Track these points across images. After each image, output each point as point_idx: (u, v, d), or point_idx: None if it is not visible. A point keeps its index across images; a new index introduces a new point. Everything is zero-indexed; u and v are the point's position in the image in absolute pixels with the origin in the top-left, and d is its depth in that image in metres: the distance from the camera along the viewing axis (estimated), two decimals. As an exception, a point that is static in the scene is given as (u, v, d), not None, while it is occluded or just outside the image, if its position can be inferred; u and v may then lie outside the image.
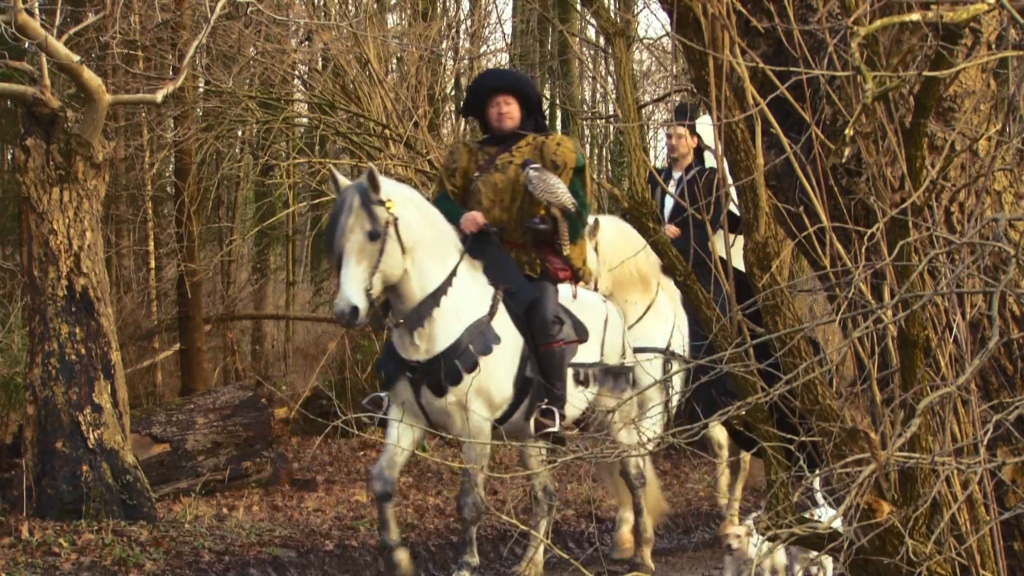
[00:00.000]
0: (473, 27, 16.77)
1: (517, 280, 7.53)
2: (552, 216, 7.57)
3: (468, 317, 7.23)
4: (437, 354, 7.15)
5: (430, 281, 7.18)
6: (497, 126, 7.81)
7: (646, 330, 8.74)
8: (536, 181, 7.44)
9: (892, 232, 3.92)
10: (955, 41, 3.88)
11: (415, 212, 7.15)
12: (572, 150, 7.73)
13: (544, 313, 7.45)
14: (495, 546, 8.81)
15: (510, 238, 7.70)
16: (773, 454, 4.03)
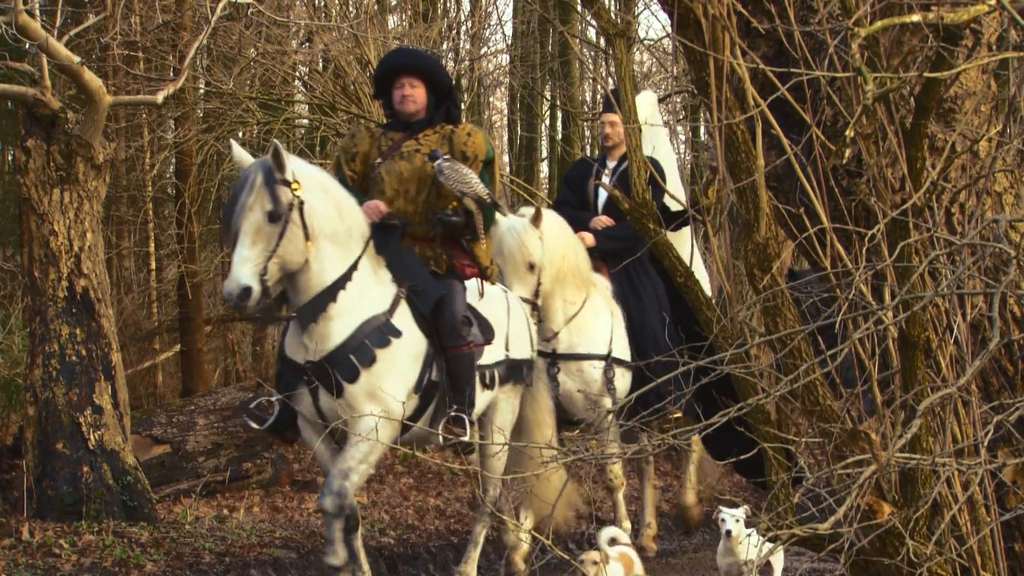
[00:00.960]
0: (473, 28, 16.78)
1: (423, 277, 7.00)
2: (465, 209, 7.10)
3: (365, 313, 6.69)
4: (330, 351, 6.60)
5: (330, 274, 6.62)
6: (400, 109, 7.28)
7: (586, 331, 8.38)
8: (448, 172, 6.97)
9: (893, 233, 3.92)
10: (956, 42, 3.88)
11: (324, 199, 6.60)
12: (483, 141, 7.26)
13: (452, 314, 6.96)
14: (496, 547, 8.80)
15: (415, 232, 7.17)
16: (774, 455, 4.03)
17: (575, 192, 9.04)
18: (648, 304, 8.51)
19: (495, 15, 24.24)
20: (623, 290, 8.59)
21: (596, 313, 8.39)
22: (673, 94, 14.99)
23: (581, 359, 8.29)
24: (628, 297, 8.55)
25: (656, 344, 8.24)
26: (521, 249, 8.04)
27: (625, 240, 8.51)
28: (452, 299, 6.99)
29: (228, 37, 12.75)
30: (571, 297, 8.28)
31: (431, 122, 7.27)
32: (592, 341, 8.34)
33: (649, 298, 8.53)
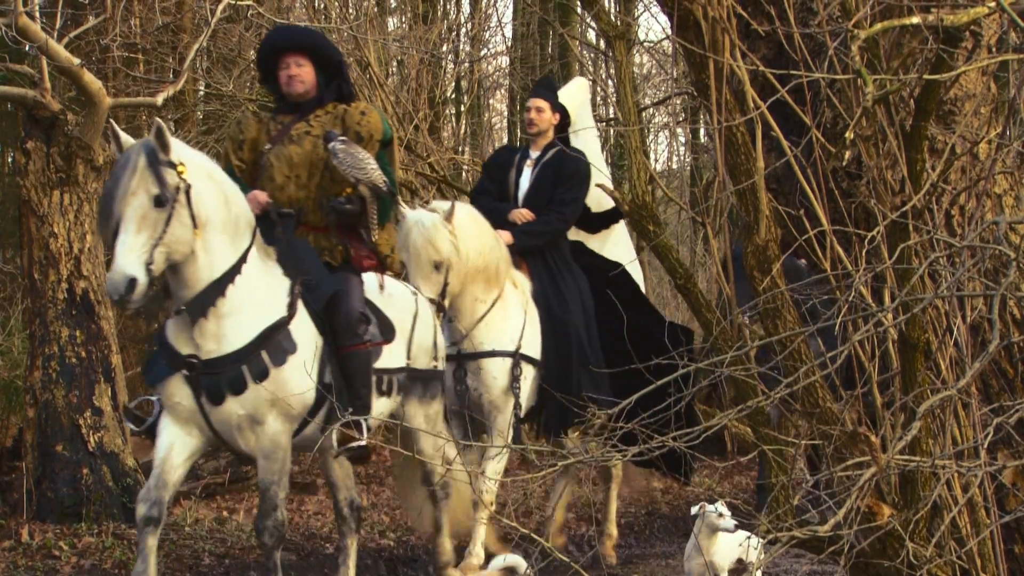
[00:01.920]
0: (473, 30, 16.78)
1: (316, 271, 6.53)
2: (360, 196, 6.63)
3: (264, 316, 6.22)
4: (223, 355, 6.13)
5: (218, 266, 6.12)
6: (287, 90, 6.78)
7: (493, 329, 7.87)
8: (342, 155, 6.50)
9: (893, 235, 3.92)
10: (955, 44, 3.88)
11: (211, 185, 6.10)
12: (379, 120, 6.76)
13: (348, 310, 6.48)
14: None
15: (308, 220, 6.70)
16: (773, 457, 4.03)
17: (495, 182, 8.52)
18: (571, 302, 8.11)
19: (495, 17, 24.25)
20: (544, 287, 8.16)
21: (507, 311, 7.93)
22: (673, 96, 14.99)
23: (484, 357, 7.83)
24: (549, 294, 8.11)
25: (579, 341, 7.96)
26: (427, 247, 7.50)
27: (545, 236, 8.22)
28: (347, 295, 6.53)
29: (228, 39, 12.76)
30: (482, 295, 7.82)
31: (321, 102, 6.80)
32: (498, 339, 7.87)
33: (572, 296, 8.14)
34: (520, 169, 8.41)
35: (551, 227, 8.18)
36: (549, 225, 8.17)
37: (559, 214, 8.19)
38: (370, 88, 12.33)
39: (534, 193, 8.27)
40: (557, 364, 7.93)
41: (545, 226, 8.18)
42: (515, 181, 8.40)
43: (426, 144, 12.49)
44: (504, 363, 7.82)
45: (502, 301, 7.89)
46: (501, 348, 7.83)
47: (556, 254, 8.25)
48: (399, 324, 6.94)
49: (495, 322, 7.86)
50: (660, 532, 10.04)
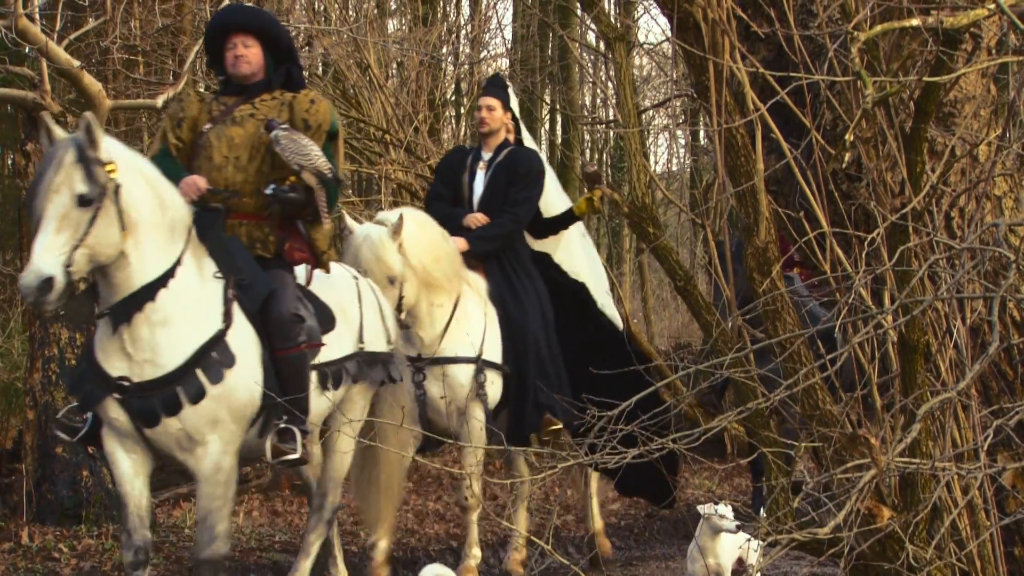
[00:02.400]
0: (473, 32, 16.77)
1: (249, 268, 6.19)
2: (305, 184, 6.32)
3: (199, 327, 5.88)
4: (155, 378, 5.76)
5: (150, 270, 5.78)
6: (233, 72, 6.46)
7: (454, 333, 7.60)
8: (284, 142, 6.23)
9: (892, 237, 3.92)
10: (955, 46, 3.88)
11: (144, 185, 5.78)
12: (328, 111, 6.49)
13: (280, 312, 6.17)
14: (495, 551, 8.80)
15: (243, 207, 6.35)
16: (773, 459, 4.03)
17: (448, 185, 8.21)
18: (528, 305, 7.83)
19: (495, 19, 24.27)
20: (500, 290, 7.87)
21: (467, 314, 7.67)
22: (673, 98, 14.99)
23: (447, 362, 7.56)
24: (506, 297, 7.84)
25: (536, 347, 7.70)
26: (378, 264, 7.31)
27: (500, 239, 7.96)
28: (281, 296, 6.22)
29: (228, 41, 12.74)
30: (439, 300, 7.59)
31: (269, 86, 6.51)
32: (460, 343, 7.62)
33: (529, 299, 7.86)
34: (473, 172, 8.15)
35: (505, 229, 7.94)
36: (503, 227, 7.93)
37: (512, 215, 7.95)
38: (370, 90, 12.34)
39: (488, 196, 8.03)
40: (514, 370, 7.69)
41: (499, 228, 7.94)
42: (468, 184, 8.14)
43: (426, 146, 12.48)
44: (468, 370, 7.60)
45: (461, 304, 7.67)
46: (464, 353, 7.61)
47: (512, 257, 8.01)
48: (342, 309, 6.66)
49: (456, 326, 7.63)
50: (660, 534, 10.04)
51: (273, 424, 6.13)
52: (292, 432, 6.09)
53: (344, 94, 12.62)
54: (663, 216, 17.50)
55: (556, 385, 7.56)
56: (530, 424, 7.56)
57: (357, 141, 12.68)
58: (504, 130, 8.14)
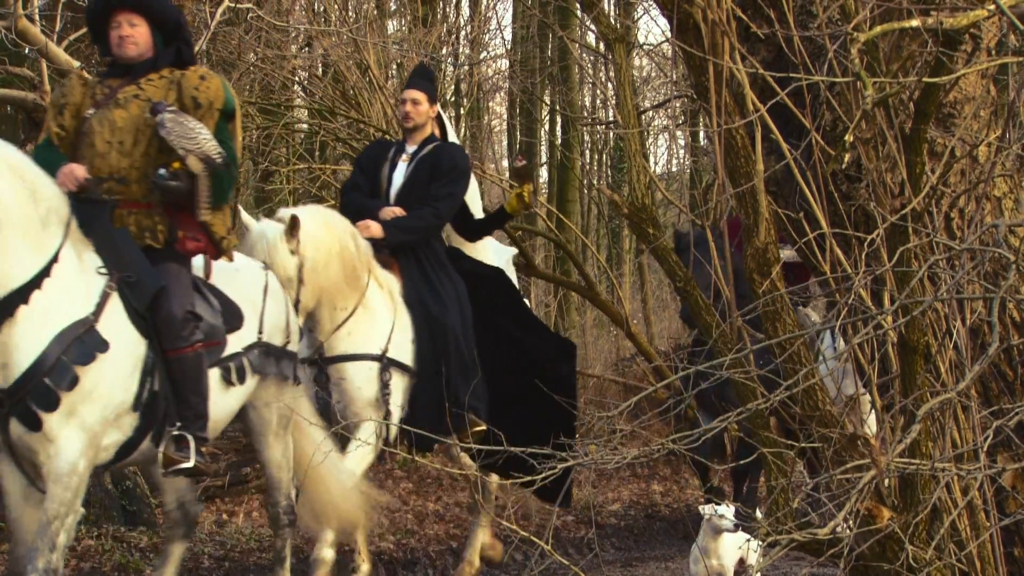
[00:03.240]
0: (473, 33, 16.79)
1: (137, 264, 5.74)
2: (189, 171, 5.85)
3: (62, 320, 5.41)
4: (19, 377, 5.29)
5: (21, 273, 5.34)
6: (119, 52, 5.99)
7: (357, 333, 7.13)
8: (170, 124, 5.77)
9: (892, 238, 3.92)
10: (955, 47, 3.88)
11: (12, 179, 5.35)
12: (220, 87, 6.03)
13: (171, 309, 5.75)
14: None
15: (130, 195, 5.89)
16: (773, 460, 4.03)
17: (367, 176, 7.76)
18: (449, 303, 7.38)
19: (494, 20, 24.29)
20: (417, 289, 7.44)
21: (372, 314, 7.20)
22: (673, 99, 15.00)
23: (348, 360, 7.11)
24: (425, 296, 7.40)
25: (458, 346, 7.29)
26: (272, 266, 6.80)
27: (418, 232, 7.50)
28: (172, 292, 5.78)
29: (227, 42, 12.75)
30: (341, 303, 7.12)
31: (156, 65, 6.02)
32: (364, 342, 7.15)
33: (449, 297, 7.42)
34: (394, 164, 7.70)
35: (424, 222, 7.46)
36: (422, 220, 7.46)
37: (433, 209, 7.47)
38: (370, 91, 12.34)
39: (408, 189, 7.56)
40: (433, 370, 7.22)
41: (418, 220, 7.47)
42: (387, 176, 7.68)
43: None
44: (371, 369, 7.12)
45: (365, 305, 7.19)
46: (367, 351, 7.14)
47: (430, 254, 7.57)
48: (247, 302, 6.31)
49: (359, 325, 7.15)
50: (660, 535, 10.04)
51: (167, 431, 5.72)
52: (186, 439, 5.71)
53: (344, 95, 12.63)
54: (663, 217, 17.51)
55: (476, 385, 7.28)
56: (454, 426, 7.02)
57: (357, 142, 12.69)
58: (430, 124, 7.72)
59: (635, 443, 7.13)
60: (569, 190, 18.31)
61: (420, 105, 7.63)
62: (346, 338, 7.10)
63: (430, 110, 7.67)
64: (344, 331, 7.10)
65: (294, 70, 13.83)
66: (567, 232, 14.67)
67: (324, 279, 6.96)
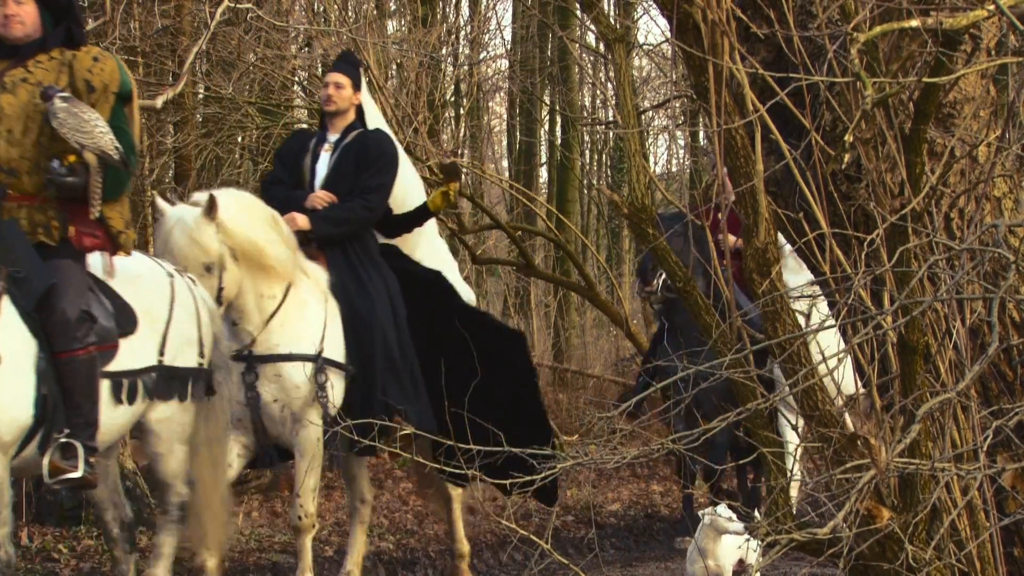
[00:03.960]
0: (473, 33, 16.78)
1: (27, 259, 5.40)
2: (85, 164, 5.48)
3: None
4: None
5: None
6: (3, 32, 5.60)
7: (290, 328, 6.73)
8: (63, 115, 5.38)
9: (892, 238, 3.92)
10: (955, 47, 3.88)
11: None
12: (115, 69, 5.62)
13: (62, 308, 5.40)
14: (495, 552, 8.80)
15: (21, 188, 5.52)
16: (773, 460, 4.03)
17: (288, 169, 7.35)
18: (376, 297, 6.96)
19: (494, 20, 24.28)
20: (344, 282, 7.01)
21: (303, 306, 6.80)
22: (672, 99, 15.00)
23: (282, 360, 6.71)
24: (351, 289, 6.99)
25: (385, 343, 6.87)
26: (192, 248, 6.42)
27: (348, 225, 7.12)
28: (64, 290, 5.43)
29: (227, 42, 12.76)
30: (268, 291, 6.70)
31: (45, 46, 5.62)
32: (297, 340, 6.74)
33: (378, 291, 7.00)
34: (316, 154, 7.31)
35: (355, 215, 7.10)
36: (352, 212, 7.09)
37: (364, 201, 7.11)
38: (369, 91, 12.34)
39: (333, 179, 7.18)
40: (360, 369, 6.86)
41: (348, 212, 7.10)
42: (310, 168, 7.28)
43: (425, 147, 12.49)
44: (307, 369, 6.74)
45: (296, 293, 6.78)
46: (301, 351, 6.74)
47: (359, 247, 7.17)
48: (146, 312, 5.90)
49: (291, 319, 6.75)
50: (659, 534, 10.04)
51: (53, 438, 5.35)
52: (75, 447, 5.33)
53: (344, 95, 12.62)
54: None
55: (409, 385, 6.87)
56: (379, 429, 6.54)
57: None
58: (353, 111, 7.38)
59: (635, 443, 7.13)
60: (569, 190, 18.32)
61: (343, 89, 7.32)
62: (278, 331, 6.71)
63: (353, 96, 7.36)
64: (276, 323, 6.72)
65: (294, 70, 13.83)
66: (567, 232, 14.68)
67: (249, 264, 6.59)
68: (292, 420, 6.72)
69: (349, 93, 7.33)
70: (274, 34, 12.71)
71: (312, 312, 6.82)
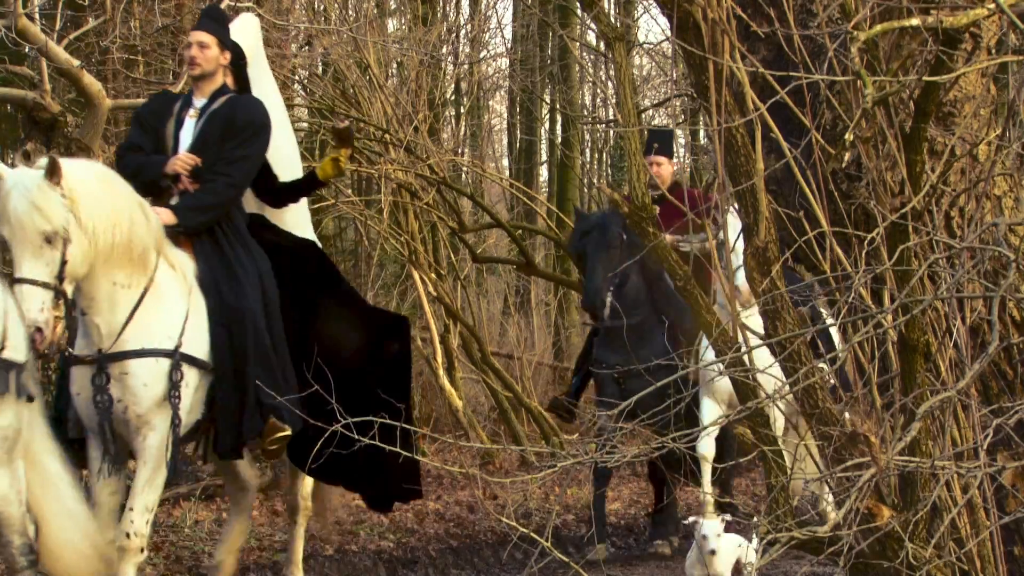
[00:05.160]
0: (473, 32, 16.78)
1: None
2: None
3: None
4: None
5: None
6: None
7: (144, 323, 6.03)
8: None
9: (892, 237, 3.92)
10: (955, 46, 3.88)
11: None
12: None
13: None
14: (495, 550, 8.80)
15: None
16: (773, 458, 4.03)
17: (149, 135, 6.65)
18: (249, 286, 6.35)
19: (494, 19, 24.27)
20: (213, 270, 6.38)
21: (161, 299, 6.12)
22: (673, 98, 15.00)
23: (131, 357, 6.01)
24: (220, 278, 6.36)
25: (258, 337, 6.26)
26: (32, 215, 5.66)
27: (215, 209, 6.50)
28: None
29: (227, 41, 12.76)
30: (124, 279, 6.02)
31: None
32: (151, 334, 6.06)
33: (249, 278, 6.38)
34: (180, 120, 6.64)
35: (220, 197, 6.49)
36: (217, 195, 6.48)
37: (227, 177, 6.49)
38: (370, 90, 12.34)
39: (198, 148, 6.52)
40: (231, 365, 6.26)
41: (212, 196, 6.48)
42: (173, 135, 6.61)
43: (426, 146, 12.50)
44: (159, 365, 6.04)
45: (157, 286, 6.12)
46: (155, 346, 6.05)
47: (227, 227, 6.56)
48: None
49: (147, 313, 6.08)
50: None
51: None
52: None
53: (344, 94, 12.64)
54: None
55: (281, 381, 6.28)
56: (251, 429, 6.20)
57: (357, 141, 12.69)
58: (222, 73, 6.69)
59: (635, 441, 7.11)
60: (569, 189, 18.33)
61: (208, 49, 6.61)
62: (131, 326, 6.04)
63: (221, 56, 6.65)
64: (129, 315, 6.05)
65: (294, 69, 13.83)
66: (567, 231, 14.68)
67: (102, 241, 5.88)
68: (139, 423, 6.01)
69: (215, 53, 6.63)
70: (274, 33, 12.70)
71: (172, 305, 6.17)
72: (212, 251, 6.44)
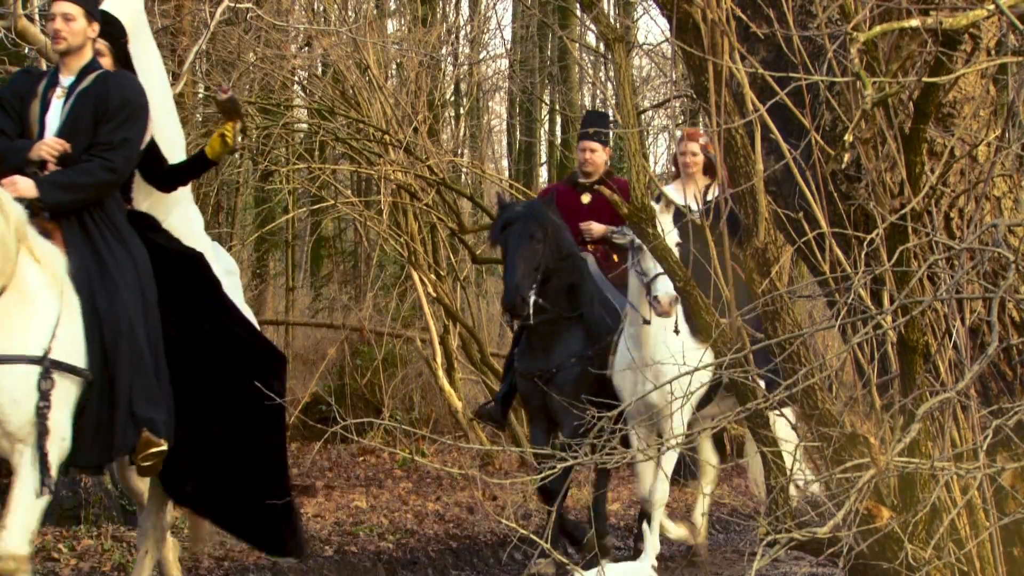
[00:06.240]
0: (473, 33, 16.79)
1: None
2: None
3: None
4: None
5: None
6: None
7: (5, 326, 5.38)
8: None
9: (892, 238, 3.92)
10: (955, 47, 3.89)
11: None
12: None
13: None
14: (495, 551, 8.80)
15: None
16: (772, 459, 4.03)
17: (12, 117, 5.95)
18: (123, 286, 5.71)
19: (494, 20, 24.29)
20: (85, 267, 5.72)
21: (26, 299, 5.46)
22: (672, 98, 15.00)
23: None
24: (93, 277, 5.70)
25: (133, 343, 5.65)
26: None
27: (86, 191, 5.82)
28: None
29: (227, 42, 12.76)
30: None
31: None
32: (14, 338, 5.41)
33: (125, 278, 5.76)
34: (46, 101, 5.97)
35: (92, 178, 5.80)
36: (90, 175, 5.80)
37: (104, 160, 5.83)
38: (369, 91, 12.34)
39: (67, 132, 5.86)
40: (102, 374, 5.62)
41: (84, 176, 5.80)
42: (39, 118, 5.95)
43: (425, 146, 12.50)
44: (26, 375, 5.40)
45: (17, 287, 5.45)
46: (19, 352, 5.41)
47: (102, 218, 5.89)
48: None
49: (10, 314, 5.43)
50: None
51: None
52: None
53: (343, 94, 12.64)
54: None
55: (157, 388, 5.78)
56: (123, 443, 5.64)
57: (356, 142, 12.69)
58: (90, 47, 6.00)
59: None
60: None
61: (73, 21, 5.88)
62: None
63: (88, 28, 5.94)
64: None
65: (294, 70, 13.83)
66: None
67: None
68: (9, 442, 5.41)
69: (82, 25, 5.90)
70: (274, 33, 12.71)
71: (41, 306, 5.52)
72: (83, 243, 5.79)
